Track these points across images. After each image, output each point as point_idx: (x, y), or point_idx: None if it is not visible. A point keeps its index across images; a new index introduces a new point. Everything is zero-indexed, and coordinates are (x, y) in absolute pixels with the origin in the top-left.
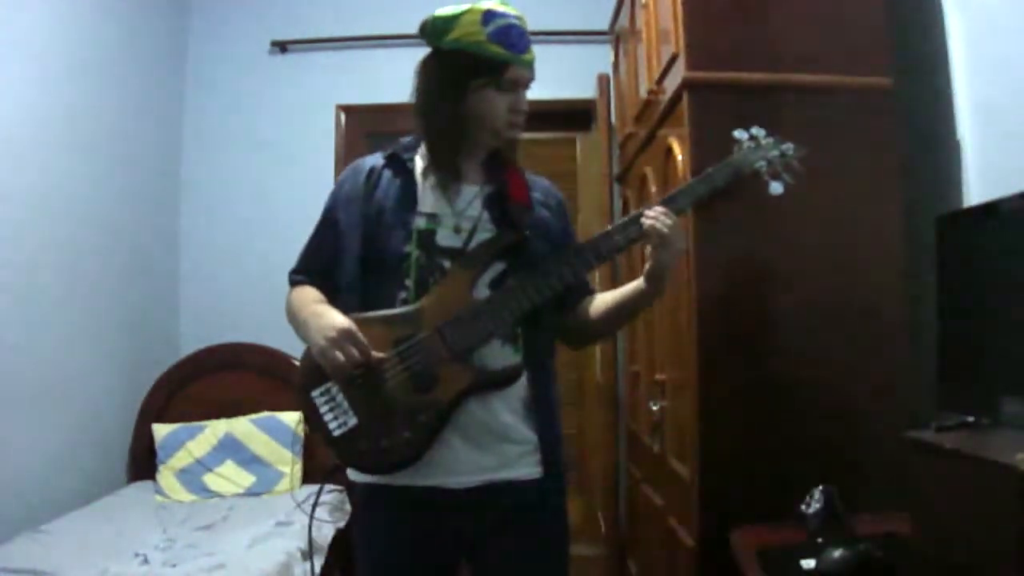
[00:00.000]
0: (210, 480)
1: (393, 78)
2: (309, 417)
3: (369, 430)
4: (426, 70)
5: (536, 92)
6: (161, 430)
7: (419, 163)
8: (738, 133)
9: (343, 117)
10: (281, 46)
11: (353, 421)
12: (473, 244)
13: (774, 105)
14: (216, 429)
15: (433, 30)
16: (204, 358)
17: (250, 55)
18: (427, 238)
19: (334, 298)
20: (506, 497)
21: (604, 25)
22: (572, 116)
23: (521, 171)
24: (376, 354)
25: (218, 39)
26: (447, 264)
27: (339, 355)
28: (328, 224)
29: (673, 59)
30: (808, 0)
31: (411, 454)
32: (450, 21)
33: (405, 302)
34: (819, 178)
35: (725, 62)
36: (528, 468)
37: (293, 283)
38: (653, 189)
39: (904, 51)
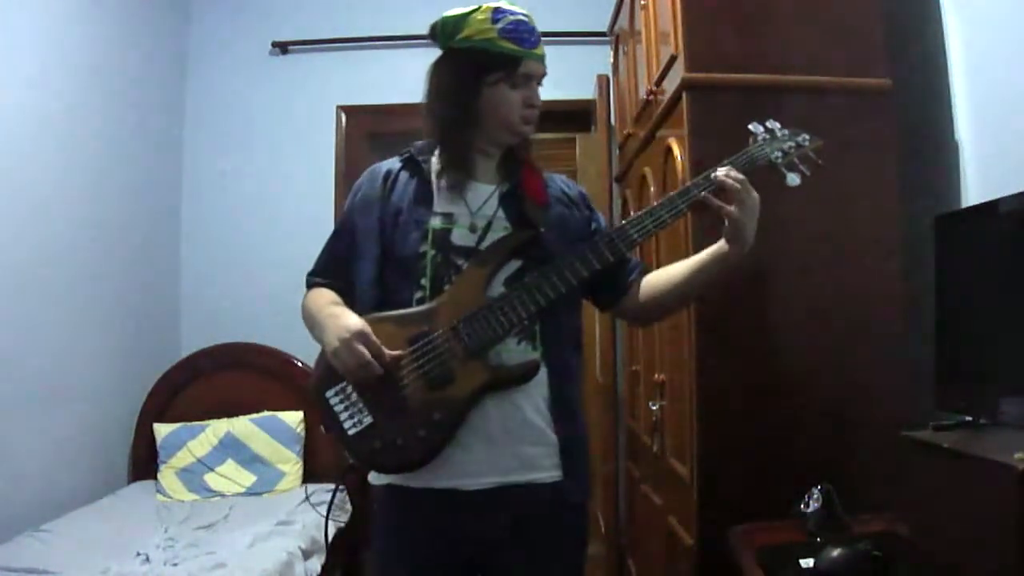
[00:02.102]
0: (211, 479)
1: (393, 79)
2: (324, 417)
3: (384, 428)
4: (439, 71)
5: None
6: (162, 430)
7: (435, 165)
8: (753, 127)
9: (343, 117)
10: (281, 47)
11: (368, 420)
12: (487, 242)
13: (773, 106)
14: (217, 429)
15: (444, 30)
16: (205, 358)
17: (250, 56)
18: (442, 237)
19: (350, 300)
20: (524, 501)
21: (603, 26)
22: (572, 116)
23: (538, 169)
24: (389, 352)
25: (218, 40)
26: (462, 263)
27: (351, 356)
28: (345, 228)
29: (672, 60)
30: (807, 1)
31: (426, 453)
32: (461, 20)
33: (421, 301)
34: (818, 178)
35: (724, 63)
36: (547, 471)
37: (310, 285)
38: (652, 189)
39: (903, 52)
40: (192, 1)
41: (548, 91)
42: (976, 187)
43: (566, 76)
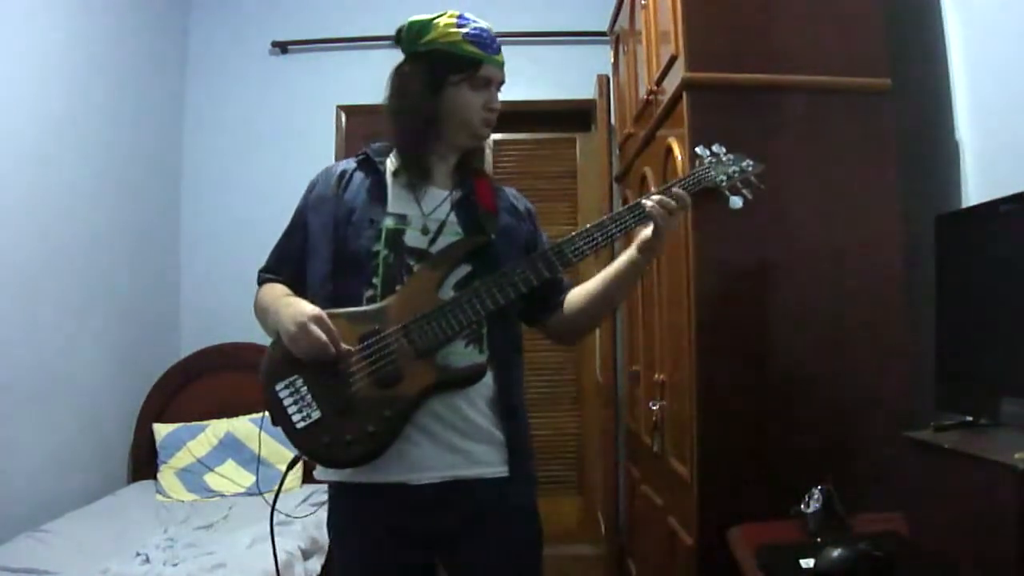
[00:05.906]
0: (211, 479)
1: None
2: (272, 410)
3: (332, 423)
4: (402, 73)
5: (536, 92)
6: (162, 430)
7: (390, 166)
8: (699, 150)
9: (343, 117)
10: (281, 46)
11: (316, 414)
12: (438, 246)
13: (773, 105)
14: (217, 429)
15: (409, 34)
16: (204, 358)
17: (250, 55)
18: (395, 237)
19: (303, 296)
20: (473, 495)
21: (604, 26)
22: (572, 116)
23: (489, 179)
24: (343, 345)
25: (218, 39)
26: (414, 264)
27: (307, 338)
28: (298, 225)
29: (672, 60)
30: (807, 1)
31: (374, 448)
32: (427, 24)
33: (372, 300)
34: (818, 178)
35: (724, 63)
36: (494, 467)
37: (262, 281)
38: (653, 189)
39: (903, 51)
40: (192, 1)
41: (548, 91)
42: (976, 187)
43: (566, 76)
